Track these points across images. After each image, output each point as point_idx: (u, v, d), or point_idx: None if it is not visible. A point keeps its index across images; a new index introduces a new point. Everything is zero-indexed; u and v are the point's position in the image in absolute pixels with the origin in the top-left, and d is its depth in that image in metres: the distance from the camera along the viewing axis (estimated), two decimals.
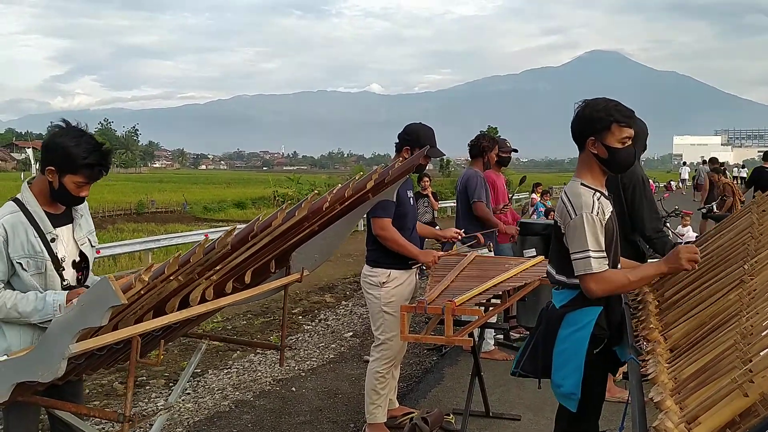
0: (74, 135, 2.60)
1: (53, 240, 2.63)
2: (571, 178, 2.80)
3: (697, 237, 6.58)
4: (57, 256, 2.63)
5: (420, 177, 11.88)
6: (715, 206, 10.98)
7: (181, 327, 2.87)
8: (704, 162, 23.11)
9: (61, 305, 2.50)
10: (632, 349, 2.26)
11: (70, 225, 2.75)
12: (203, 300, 2.60)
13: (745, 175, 32.42)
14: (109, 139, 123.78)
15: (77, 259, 2.75)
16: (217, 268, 2.50)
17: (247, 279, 2.86)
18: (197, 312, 2.51)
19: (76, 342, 2.10)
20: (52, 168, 2.58)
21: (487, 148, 5.81)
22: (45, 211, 2.65)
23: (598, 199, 2.60)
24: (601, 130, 2.60)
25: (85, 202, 2.79)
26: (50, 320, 2.43)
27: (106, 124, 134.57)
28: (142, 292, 2.20)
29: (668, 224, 9.01)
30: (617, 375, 3.46)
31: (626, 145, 2.62)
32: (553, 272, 2.79)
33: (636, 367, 2.10)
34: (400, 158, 3.82)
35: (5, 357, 2.33)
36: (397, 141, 4.08)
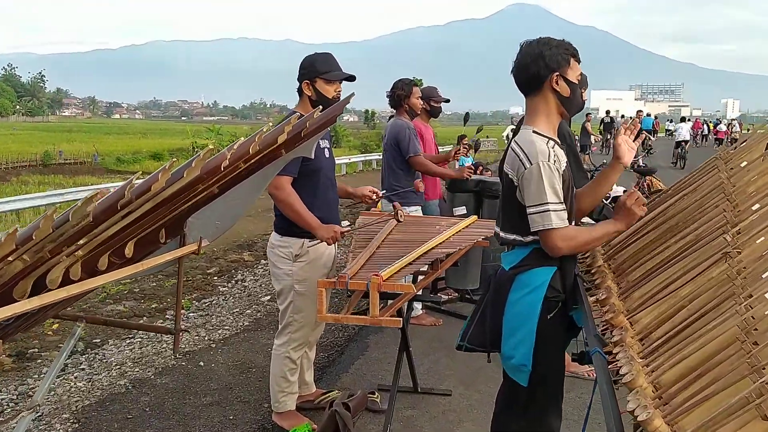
0: None
1: None
2: (511, 127, 2.47)
3: (624, 192, 6.38)
4: None
5: None
6: (641, 160, 10.97)
7: (43, 312, 2.32)
8: (622, 116, 23.59)
9: None
10: (596, 338, 1.86)
11: None
12: (68, 281, 2.06)
13: (672, 128, 33.89)
14: (13, 86, 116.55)
15: None
16: (81, 242, 1.95)
17: (129, 252, 2.30)
18: (54, 299, 1.96)
19: None
20: None
21: (402, 95, 5.25)
22: None
23: (552, 147, 2.32)
24: (564, 65, 2.36)
25: None
26: None
27: (10, 70, 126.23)
28: None
29: None
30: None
31: (580, 81, 2.43)
32: (502, 232, 2.46)
33: (603, 363, 1.71)
34: (305, 106, 3.31)
35: None
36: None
